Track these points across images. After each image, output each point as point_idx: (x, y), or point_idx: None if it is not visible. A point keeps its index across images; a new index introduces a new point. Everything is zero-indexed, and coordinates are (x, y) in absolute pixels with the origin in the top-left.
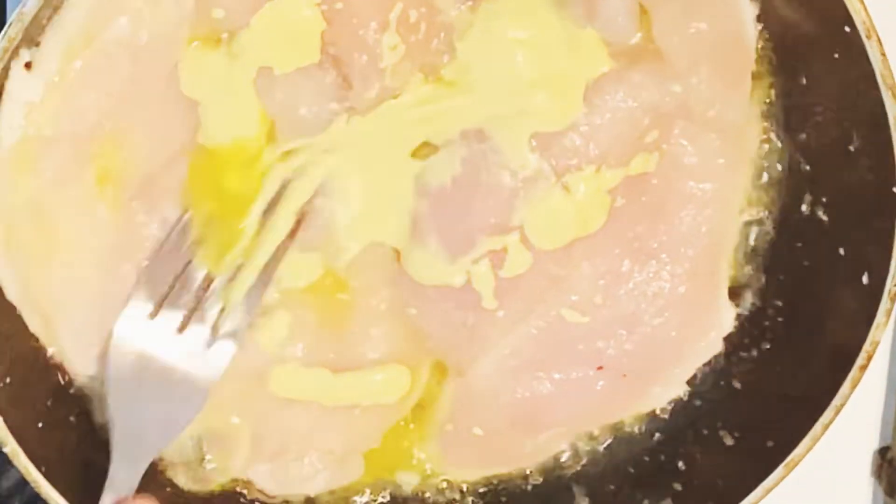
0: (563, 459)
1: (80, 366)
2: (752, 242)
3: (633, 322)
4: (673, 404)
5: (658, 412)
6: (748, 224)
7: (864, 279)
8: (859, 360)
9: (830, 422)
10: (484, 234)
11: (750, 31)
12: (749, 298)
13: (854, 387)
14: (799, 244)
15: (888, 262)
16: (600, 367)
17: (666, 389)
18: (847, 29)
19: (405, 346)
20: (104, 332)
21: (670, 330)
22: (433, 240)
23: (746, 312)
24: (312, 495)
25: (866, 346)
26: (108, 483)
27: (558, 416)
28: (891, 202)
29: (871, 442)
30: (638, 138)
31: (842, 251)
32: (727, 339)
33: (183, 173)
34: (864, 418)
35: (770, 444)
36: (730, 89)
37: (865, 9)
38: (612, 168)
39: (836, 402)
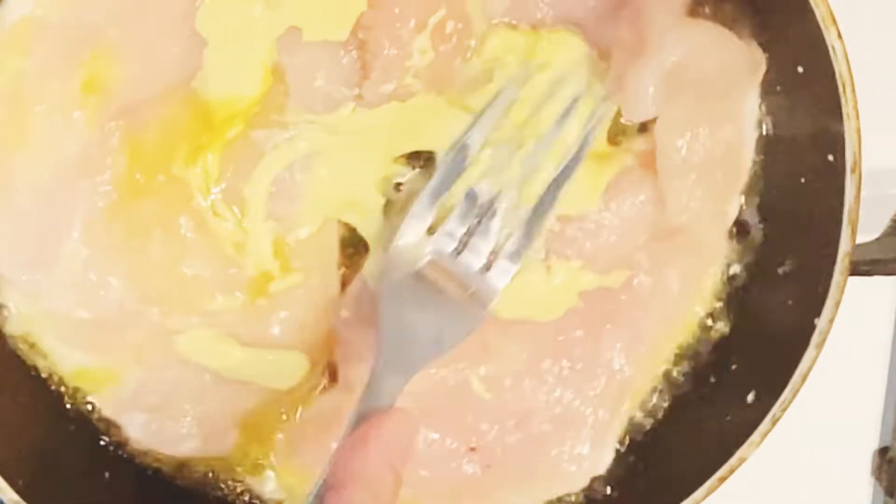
0: None
1: (2, 258)
2: (661, 396)
3: (525, 418)
4: None
5: None
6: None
7: (750, 398)
8: (720, 472)
9: None
10: None
11: (748, 155)
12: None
13: (709, 493)
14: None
15: (781, 388)
16: (473, 448)
17: (518, 500)
18: (830, 158)
19: (312, 340)
20: (39, 242)
21: (553, 443)
22: None
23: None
24: (179, 457)
25: (731, 461)
26: (369, 388)
27: (408, 475)
28: (807, 332)
29: (871, 442)
30: (628, 254)
31: (734, 366)
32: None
33: (168, 114)
34: (864, 418)
35: None
36: (711, 203)
37: (859, 141)
38: (594, 272)
39: None
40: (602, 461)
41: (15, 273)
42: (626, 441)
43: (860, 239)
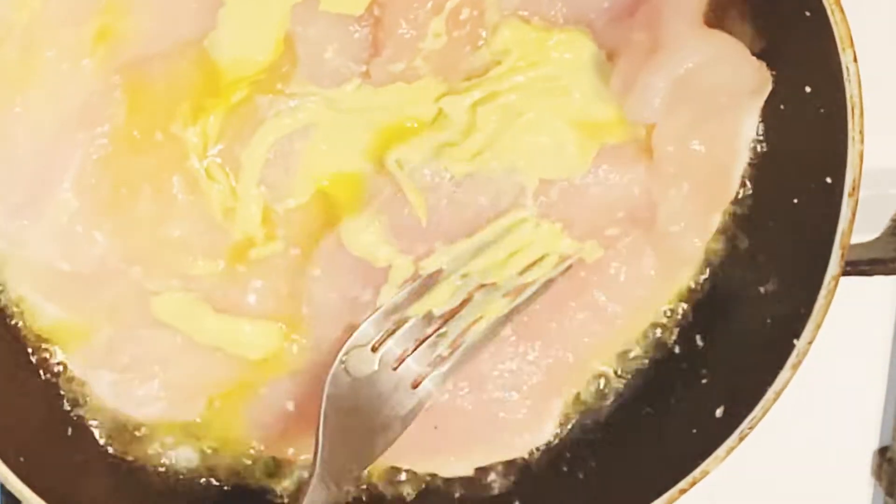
0: None
1: None
2: (619, 372)
3: (480, 383)
4: (457, 480)
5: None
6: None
7: (718, 412)
8: (681, 484)
9: None
10: (447, 244)
11: (738, 174)
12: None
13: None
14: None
15: (752, 406)
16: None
17: (457, 464)
18: (828, 180)
19: (286, 311)
20: (30, 187)
21: (500, 409)
22: (380, 222)
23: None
24: (144, 420)
25: (695, 473)
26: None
27: None
28: (784, 352)
29: (871, 442)
30: (603, 226)
31: (704, 380)
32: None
33: (175, 71)
34: (864, 418)
35: None
36: (700, 215)
37: (861, 166)
38: (571, 237)
39: None
40: (543, 433)
41: (1, 217)
42: (587, 442)
43: (860, 238)
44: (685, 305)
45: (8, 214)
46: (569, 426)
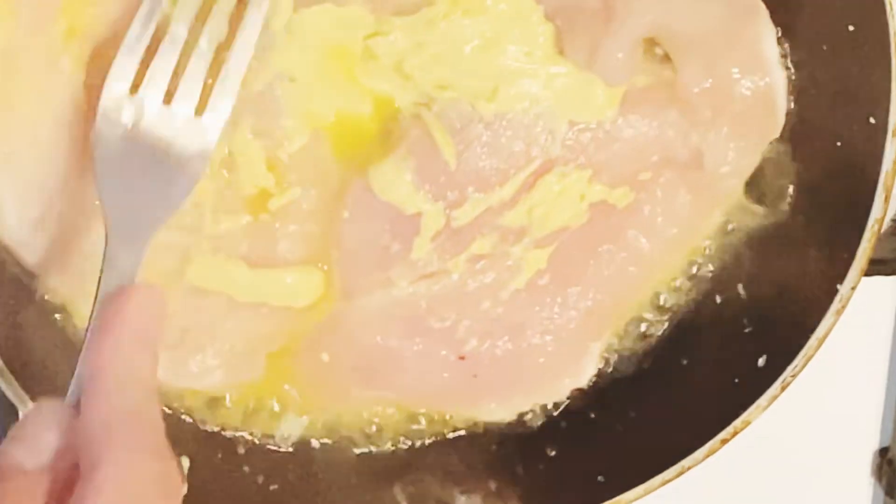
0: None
1: (13, 221)
2: (658, 318)
3: (517, 332)
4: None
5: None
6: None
7: (761, 362)
8: (723, 434)
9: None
10: (479, 191)
11: (780, 102)
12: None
13: (710, 454)
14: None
15: (795, 353)
16: (462, 357)
17: (498, 409)
18: (872, 120)
19: (321, 253)
20: (44, 195)
21: (540, 356)
22: (408, 166)
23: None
24: (205, 390)
25: (736, 423)
26: (107, 268)
27: (394, 380)
28: (827, 298)
29: (871, 442)
30: (636, 170)
31: (747, 330)
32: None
33: None
34: (864, 418)
35: None
36: (747, 153)
37: None
38: (601, 183)
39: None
40: (582, 377)
41: (25, 234)
42: (626, 390)
43: None
44: (725, 255)
45: (32, 229)
46: (608, 372)
